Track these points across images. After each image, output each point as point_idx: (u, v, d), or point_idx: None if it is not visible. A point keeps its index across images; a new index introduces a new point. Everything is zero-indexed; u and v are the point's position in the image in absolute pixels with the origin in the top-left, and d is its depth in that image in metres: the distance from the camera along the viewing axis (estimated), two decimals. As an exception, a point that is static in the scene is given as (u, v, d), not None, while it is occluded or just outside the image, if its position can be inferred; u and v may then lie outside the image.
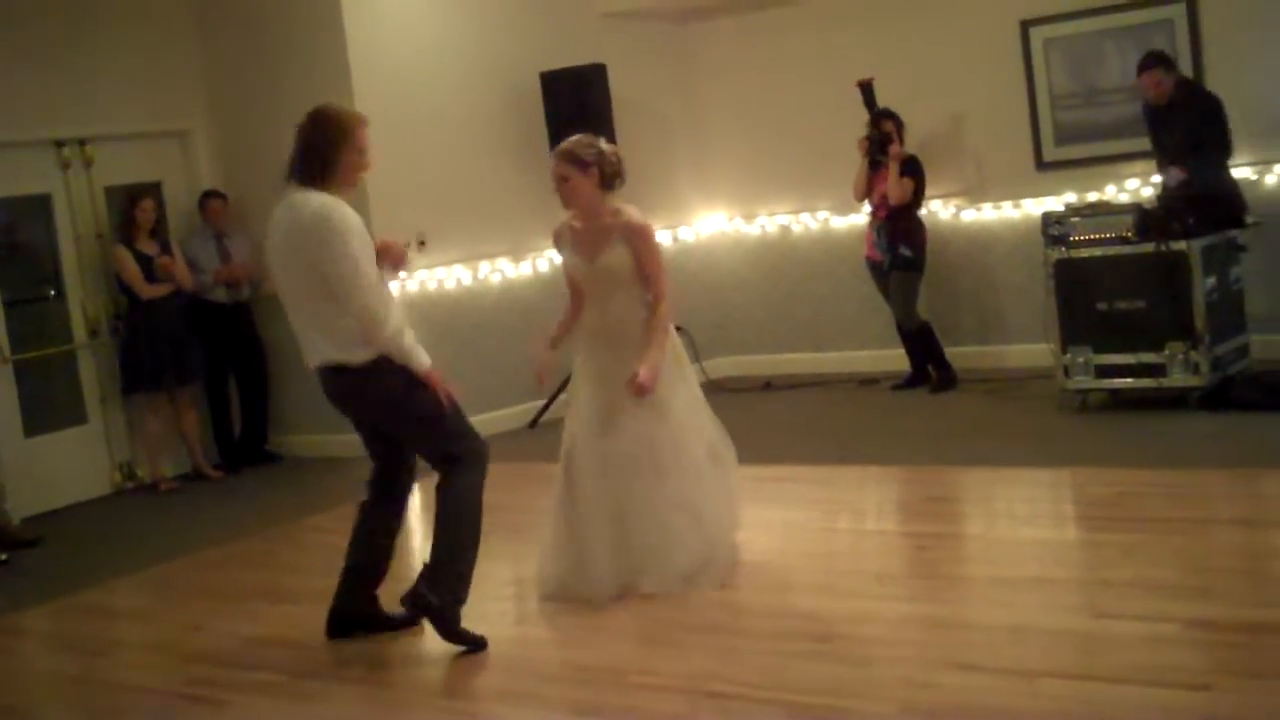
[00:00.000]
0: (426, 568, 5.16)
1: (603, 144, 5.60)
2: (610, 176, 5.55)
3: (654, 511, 5.49)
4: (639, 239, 5.53)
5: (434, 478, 5.28)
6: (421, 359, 5.08)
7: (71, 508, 8.91)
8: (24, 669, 5.75)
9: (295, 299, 5.09)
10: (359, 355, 5.01)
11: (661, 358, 5.48)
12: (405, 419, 5.17)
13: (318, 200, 4.96)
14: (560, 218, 5.82)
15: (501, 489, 7.98)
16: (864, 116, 9.25)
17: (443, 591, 5.10)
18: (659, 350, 5.47)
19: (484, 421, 9.60)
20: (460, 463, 5.22)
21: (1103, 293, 7.84)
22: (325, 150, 5.00)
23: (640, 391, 5.37)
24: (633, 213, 5.59)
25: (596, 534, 5.54)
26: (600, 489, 5.55)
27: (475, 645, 5.12)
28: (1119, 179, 9.12)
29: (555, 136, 9.59)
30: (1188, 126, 8.01)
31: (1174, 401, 7.71)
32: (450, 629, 5.11)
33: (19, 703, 5.28)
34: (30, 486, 8.59)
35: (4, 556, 7.63)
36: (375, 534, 5.39)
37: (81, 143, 9.23)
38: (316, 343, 5.08)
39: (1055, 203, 8.92)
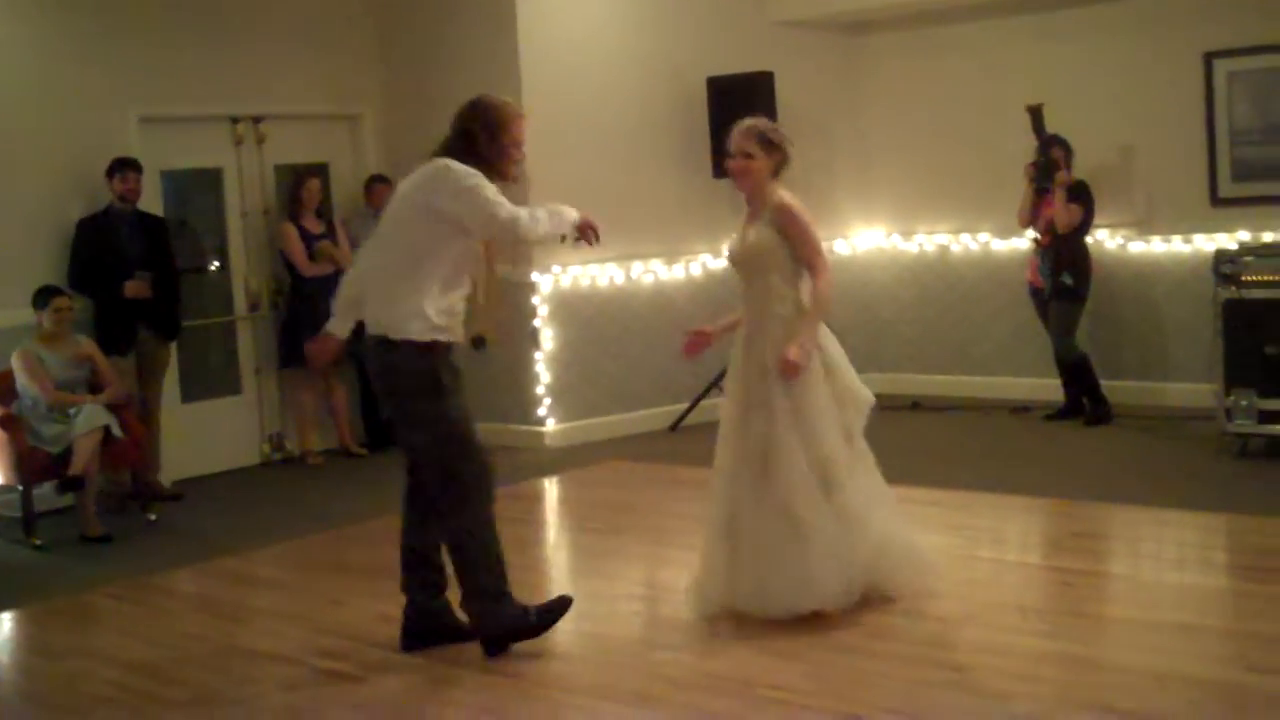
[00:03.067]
0: (464, 602, 5.12)
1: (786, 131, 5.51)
2: (784, 162, 5.43)
3: (756, 521, 5.26)
4: (784, 217, 5.32)
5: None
6: (567, 216, 5.16)
7: (220, 475, 9.13)
8: (167, 628, 5.89)
9: (380, 252, 5.07)
10: (408, 330, 4.92)
11: (813, 337, 5.23)
12: (416, 415, 5.04)
13: (446, 160, 4.99)
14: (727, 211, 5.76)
15: (639, 490, 8.04)
16: (1031, 141, 9.06)
17: (496, 616, 5.07)
18: (811, 329, 5.23)
19: (625, 421, 9.70)
20: (461, 489, 5.03)
21: (1272, 336, 7.57)
22: (481, 137, 5.02)
23: (787, 370, 5.15)
24: (783, 194, 5.38)
25: (715, 543, 5.42)
26: (726, 493, 5.40)
27: (561, 609, 5.16)
28: (1297, 220, 8.81)
29: (718, 141, 9.60)
30: None
31: (1341, 454, 7.44)
32: (531, 632, 5.10)
33: (161, 661, 5.41)
34: (182, 451, 8.82)
35: (153, 516, 7.87)
36: (424, 541, 5.30)
37: (256, 120, 9.45)
38: (374, 309, 5.02)
39: (1228, 240, 8.65)
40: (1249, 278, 7.70)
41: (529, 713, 4.67)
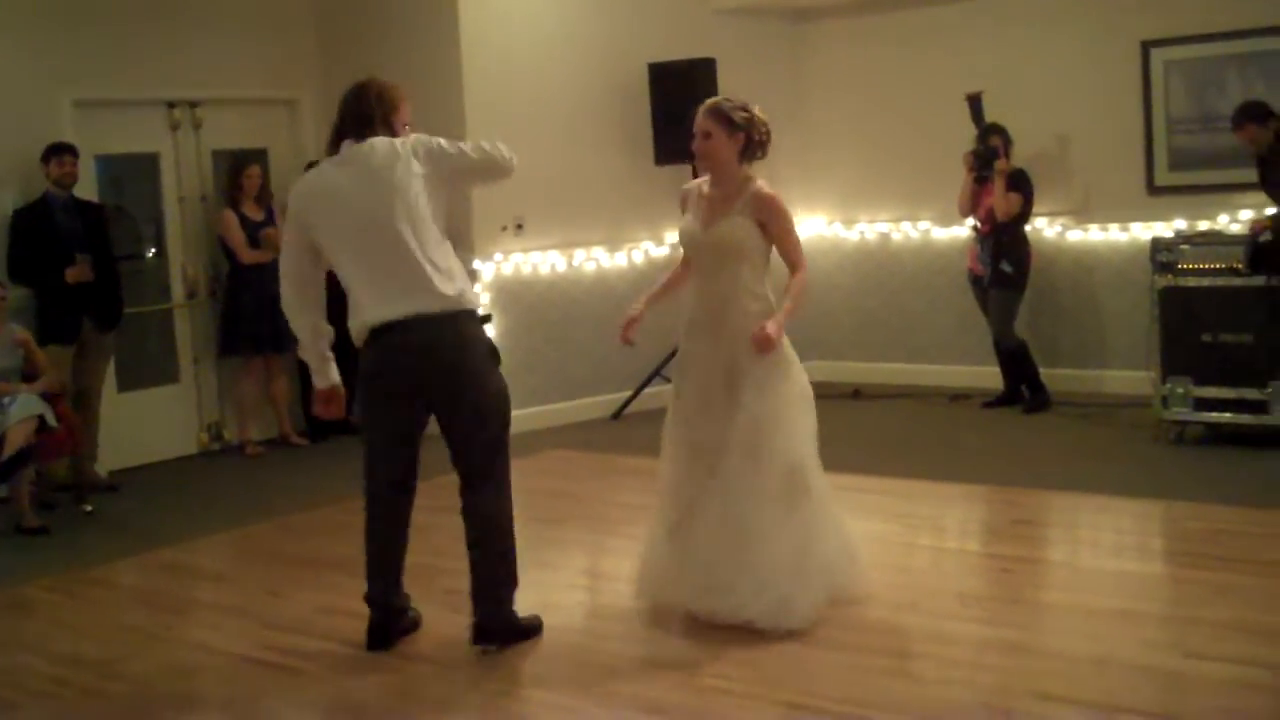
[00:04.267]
0: (476, 598, 5.05)
1: (757, 110, 5.14)
2: (754, 146, 5.12)
3: (709, 522, 5.07)
4: (769, 210, 5.07)
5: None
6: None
7: (158, 464, 9.03)
8: (105, 621, 5.81)
9: (385, 245, 4.79)
10: (470, 296, 4.89)
11: (791, 317, 5.00)
12: (486, 383, 4.93)
13: (386, 137, 4.91)
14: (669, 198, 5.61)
15: (582, 479, 8.03)
16: (971, 129, 9.11)
17: (503, 615, 5.05)
18: (792, 311, 5.01)
19: (569, 410, 9.67)
20: (498, 469, 5.02)
21: (1208, 324, 7.66)
22: (380, 115, 4.93)
23: (760, 344, 4.91)
24: (763, 184, 5.13)
25: (660, 540, 5.26)
26: (677, 492, 5.23)
27: (537, 628, 5.15)
28: (1232, 208, 8.91)
29: (659, 128, 9.60)
30: None
31: (1274, 440, 7.51)
32: (524, 636, 5.08)
33: (98, 655, 5.34)
34: (119, 441, 8.71)
35: (89, 507, 7.77)
36: (400, 541, 5.18)
37: (192, 105, 9.34)
38: (421, 284, 4.78)
39: (1165, 229, 8.74)
40: (1185, 266, 7.78)
41: (470, 702, 4.65)
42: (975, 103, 8.99)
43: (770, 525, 4.99)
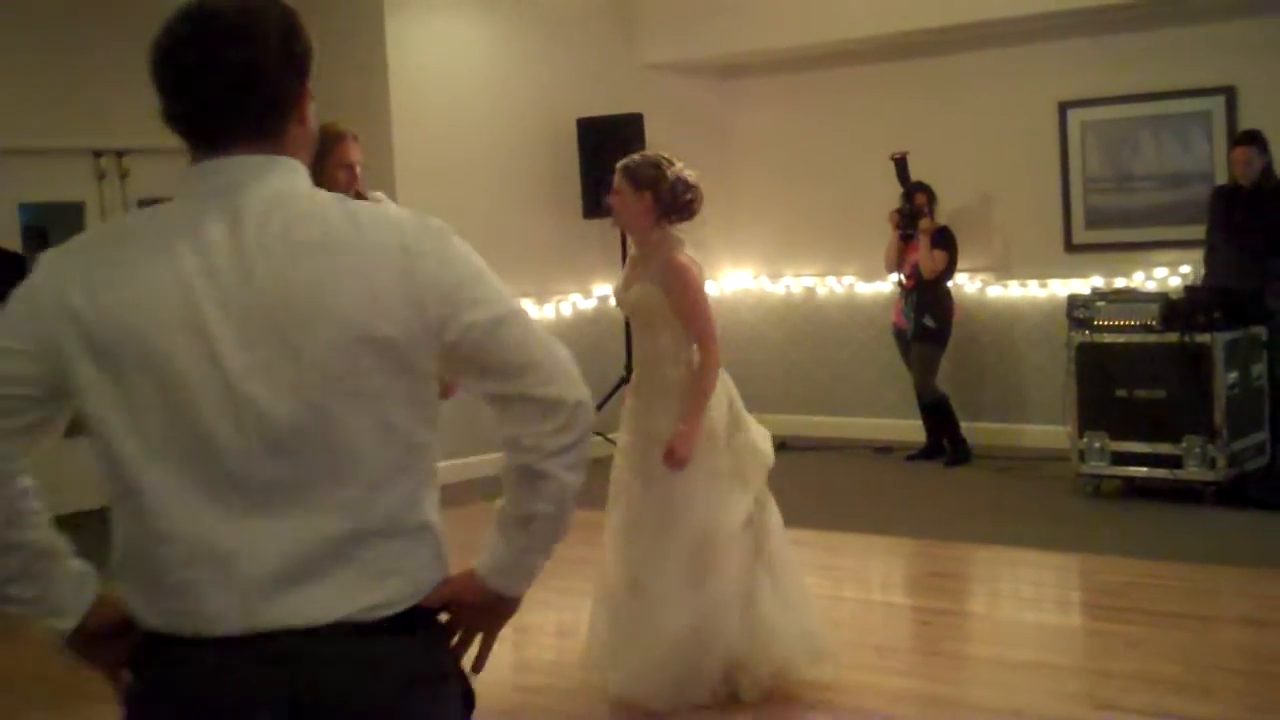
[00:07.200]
0: None
1: (674, 169, 4.84)
2: (668, 206, 4.83)
3: (614, 591, 4.88)
4: (673, 280, 4.77)
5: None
6: None
7: (101, 511, 8.88)
8: (43, 671, 5.73)
9: None
10: None
11: (697, 426, 4.69)
12: None
13: None
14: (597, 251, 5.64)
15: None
16: (896, 185, 9.26)
17: None
18: (695, 417, 4.70)
19: (495, 461, 9.61)
20: None
21: (1123, 380, 7.81)
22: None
23: (670, 463, 4.65)
24: (677, 252, 4.84)
25: (596, 615, 5.02)
26: (608, 563, 4.95)
27: None
28: (1148, 266, 9.11)
29: (587, 182, 9.66)
30: (1275, 216, 7.94)
31: (1188, 494, 7.65)
32: None
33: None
34: (63, 488, 8.55)
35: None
36: None
37: (119, 154, 9.30)
38: None
39: (1082, 286, 8.91)
40: (1101, 322, 7.93)
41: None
42: (901, 163, 9.14)
43: (670, 595, 4.72)
